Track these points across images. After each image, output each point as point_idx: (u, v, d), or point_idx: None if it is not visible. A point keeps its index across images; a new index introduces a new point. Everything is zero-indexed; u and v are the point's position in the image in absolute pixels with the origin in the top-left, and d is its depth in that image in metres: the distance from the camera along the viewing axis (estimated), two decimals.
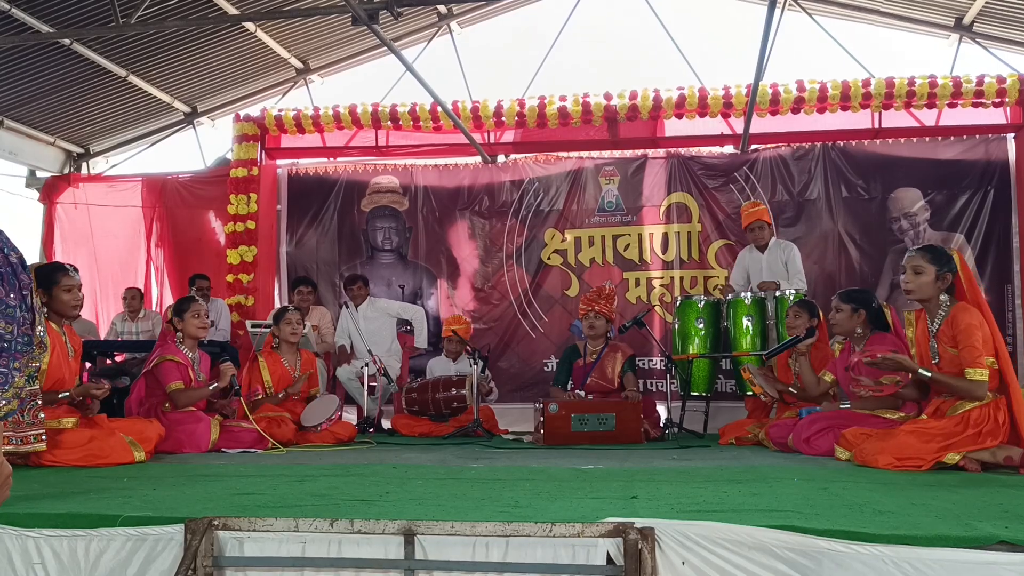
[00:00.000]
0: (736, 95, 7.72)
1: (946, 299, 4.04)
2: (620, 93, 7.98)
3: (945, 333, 3.99)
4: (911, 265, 4.10)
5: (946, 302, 4.04)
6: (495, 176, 8.57)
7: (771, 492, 3.08)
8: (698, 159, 8.27)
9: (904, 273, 4.16)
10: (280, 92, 9.54)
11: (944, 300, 4.04)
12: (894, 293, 7.62)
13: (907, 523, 2.38)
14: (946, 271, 4.03)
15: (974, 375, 3.85)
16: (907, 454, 3.88)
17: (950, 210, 7.82)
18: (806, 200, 8.04)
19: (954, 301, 4.04)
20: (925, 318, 4.14)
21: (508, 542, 2.37)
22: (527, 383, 8.16)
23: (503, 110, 8.11)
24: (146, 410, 5.28)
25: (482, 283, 8.50)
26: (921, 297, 4.10)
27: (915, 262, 4.10)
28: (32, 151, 9.18)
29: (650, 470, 4.00)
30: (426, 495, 3.11)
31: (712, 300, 6.88)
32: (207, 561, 2.42)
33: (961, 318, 3.92)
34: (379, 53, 9.26)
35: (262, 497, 3.07)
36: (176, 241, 9.12)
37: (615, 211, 8.32)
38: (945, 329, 3.99)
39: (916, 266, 4.08)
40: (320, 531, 2.43)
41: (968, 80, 7.50)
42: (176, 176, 9.21)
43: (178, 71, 8.62)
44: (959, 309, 3.97)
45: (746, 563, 2.27)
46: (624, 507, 2.72)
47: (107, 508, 2.74)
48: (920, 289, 4.08)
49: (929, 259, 4.07)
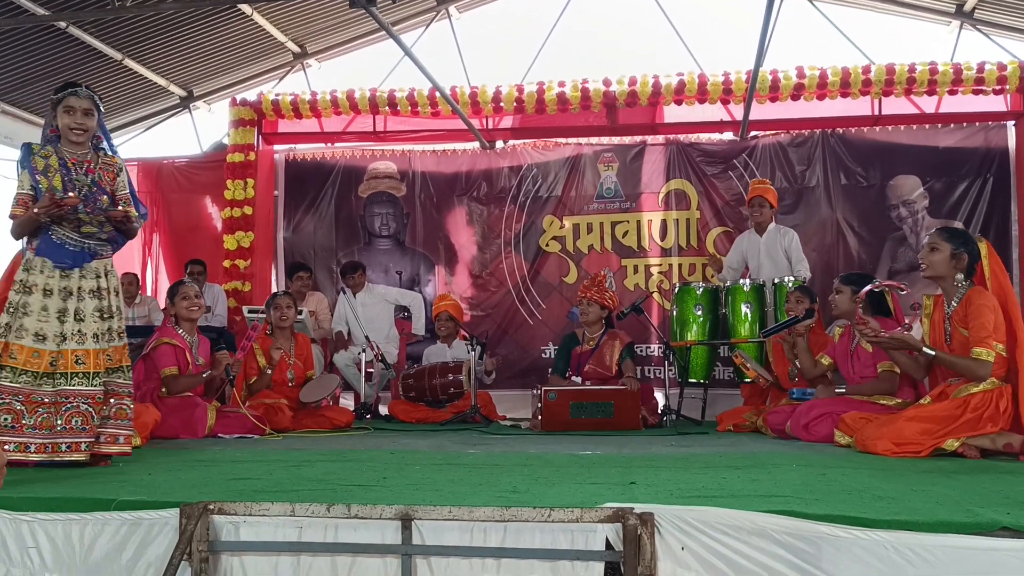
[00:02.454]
0: (736, 81, 7.68)
1: (962, 279, 4.03)
2: (619, 79, 7.94)
3: (959, 314, 3.98)
4: (928, 243, 4.14)
5: (962, 283, 4.03)
6: (493, 162, 8.54)
7: (770, 478, 3.07)
8: (697, 146, 8.23)
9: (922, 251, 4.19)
10: (277, 76, 9.48)
11: (960, 281, 4.03)
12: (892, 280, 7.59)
13: (907, 509, 2.37)
14: (961, 251, 4.02)
15: (980, 354, 3.84)
16: (906, 439, 3.87)
17: (949, 198, 7.80)
18: (805, 187, 8.01)
19: (971, 284, 4.02)
20: (943, 303, 4.13)
21: (506, 527, 2.36)
22: (525, 370, 8.14)
23: (501, 96, 8.06)
24: (142, 395, 5.25)
25: (480, 270, 8.48)
26: (935, 275, 4.09)
27: (932, 240, 4.12)
28: (28, 135, 9.08)
29: (648, 456, 3.99)
30: (423, 480, 3.09)
31: (710, 287, 6.86)
32: (202, 545, 2.41)
33: (975, 300, 3.92)
34: (377, 38, 9.20)
35: (258, 482, 3.05)
36: (172, 226, 9.07)
37: (614, 198, 8.29)
38: (959, 310, 3.99)
39: (933, 243, 4.10)
40: (317, 516, 2.42)
41: (968, 67, 7.46)
42: (172, 161, 9.16)
43: (174, 55, 8.56)
44: (975, 292, 3.97)
45: (746, 548, 2.26)
46: (623, 493, 2.71)
47: (102, 492, 2.73)
48: (934, 266, 4.08)
49: (945, 238, 4.08)
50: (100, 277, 3.74)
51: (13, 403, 3.50)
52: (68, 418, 3.55)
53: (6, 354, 3.53)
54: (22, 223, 3.66)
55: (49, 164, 3.68)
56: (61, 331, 3.60)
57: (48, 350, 3.57)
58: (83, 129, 3.72)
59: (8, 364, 3.52)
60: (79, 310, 3.66)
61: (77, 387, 3.59)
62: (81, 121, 3.70)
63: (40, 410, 3.53)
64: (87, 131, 3.74)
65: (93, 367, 3.64)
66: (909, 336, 4.18)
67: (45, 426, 3.52)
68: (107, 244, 3.79)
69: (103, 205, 3.72)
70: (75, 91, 3.71)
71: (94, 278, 3.72)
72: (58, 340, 3.59)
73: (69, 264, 3.66)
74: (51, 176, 3.66)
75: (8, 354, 3.53)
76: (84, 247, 3.69)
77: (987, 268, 4.01)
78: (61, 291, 3.64)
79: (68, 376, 3.58)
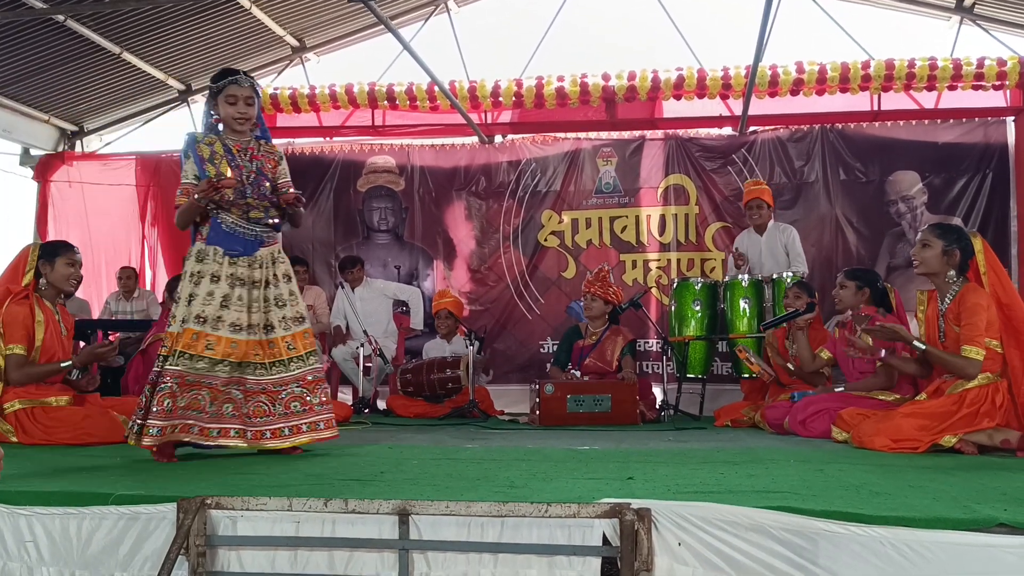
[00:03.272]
0: (735, 76, 7.67)
1: (954, 276, 4.03)
2: (618, 74, 7.93)
3: (953, 311, 3.98)
4: (920, 239, 4.14)
5: (955, 279, 4.03)
6: (492, 157, 8.53)
7: (767, 473, 3.07)
8: (696, 141, 8.22)
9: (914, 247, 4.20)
10: (276, 71, 9.46)
11: (952, 277, 4.03)
12: (891, 276, 7.61)
13: (904, 505, 2.37)
14: (953, 247, 4.02)
15: (968, 352, 3.85)
16: (903, 435, 3.87)
17: (948, 193, 7.80)
18: (804, 183, 8.00)
19: (965, 281, 4.02)
20: (936, 299, 4.13)
21: (503, 523, 2.36)
22: (523, 365, 8.14)
23: (500, 90, 8.05)
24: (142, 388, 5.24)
25: (478, 264, 8.48)
26: (927, 271, 4.10)
27: (924, 236, 4.12)
28: (26, 129, 9.11)
29: (646, 451, 3.99)
30: (421, 475, 3.09)
31: (709, 282, 6.86)
32: (200, 540, 2.41)
33: (969, 297, 3.92)
34: (376, 32, 9.17)
35: (256, 477, 3.06)
36: (170, 220, 8.95)
37: (612, 193, 8.29)
38: (953, 307, 3.99)
39: (924, 240, 4.10)
40: (314, 511, 2.41)
41: (968, 62, 7.44)
42: (171, 155, 9.11)
43: (172, 48, 8.53)
44: (968, 289, 3.97)
45: (743, 544, 2.26)
46: (620, 488, 2.71)
47: (100, 486, 2.73)
48: (926, 263, 4.08)
49: (937, 234, 4.08)
50: (270, 265, 3.76)
51: (232, 391, 3.61)
52: (287, 403, 3.67)
53: (200, 343, 3.55)
54: (184, 211, 3.70)
55: (215, 151, 3.70)
56: (249, 320, 3.66)
57: (245, 339, 3.63)
58: (246, 118, 3.75)
59: (206, 355, 3.55)
60: (265, 296, 3.71)
61: (271, 376, 3.67)
62: (244, 110, 3.73)
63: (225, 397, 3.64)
64: (249, 119, 3.77)
65: (269, 356, 3.70)
66: (901, 327, 4.18)
67: (258, 414, 3.65)
68: (273, 231, 3.81)
69: (267, 191, 3.75)
70: (236, 80, 3.72)
71: (270, 264, 3.75)
72: (250, 330, 3.65)
73: (240, 252, 3.68)
74: (218, 163, 3.68)
75: (205, 344, 3.55)
76: (254, 235, 3.72)
77: (982, 264, 4.01)
78: (234, 278, 3.66)
79: (268, 365, 3.68)
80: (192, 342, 3.55)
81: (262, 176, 3.76)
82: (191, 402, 3.55)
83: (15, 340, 4.34)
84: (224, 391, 3.61)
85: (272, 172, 3.82)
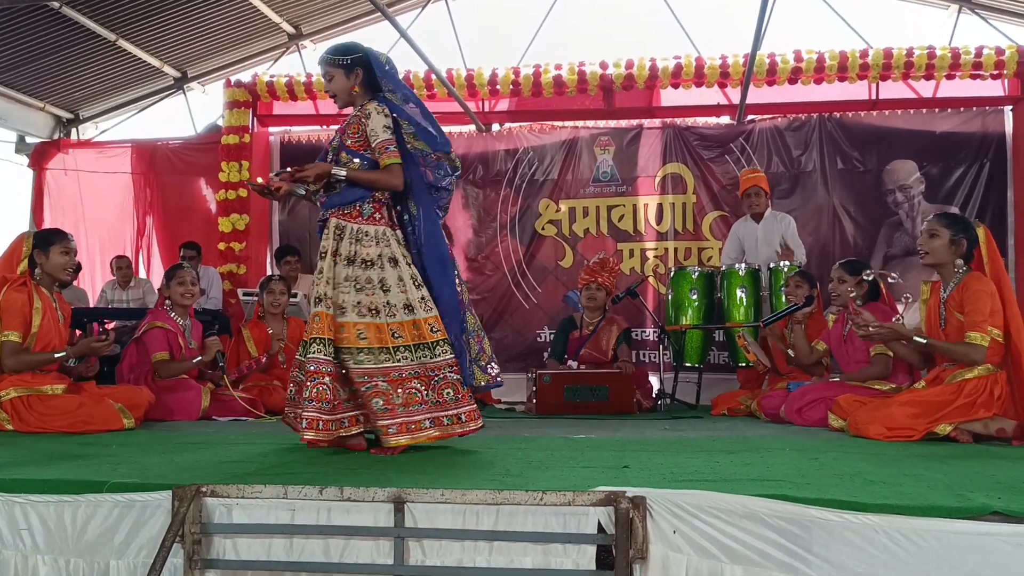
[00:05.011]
0: (733, 65, 7.65)
1: (961, 264, 4.03)
2: (616, 62, 7.90)
3: (954, 299, 3.98)
4: (927, 229, 4.12)
5: (961, 268, 4.03)
6: (489, 145, 8.51)
7: (763, 462, 3.07)
8: (694, 129, 8.20)
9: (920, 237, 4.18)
10: (272, 58, 9.42)
11: (960, 266, 4.03)
12: (887, 265, 7.61)
13: (898, 493, 2.37)
14: (961, 236, 4.01)
15: (974, 338, 3.83)
16: (899, 424, 3.88)
17: (945, 183, 7.79)
18: (801, 172, 7.99)
19: (970, 270, 4.02)
20: (939, 289, 4.12)
21: (499, 510, 2.36)
22: (520, 354, 8.14)
23: (498, 78, 8.03)
24: (136, 377, 5.26)
25: (476, 253, 8.46)
26: (935, 261, 4.09)
27: (931, 226, 4.10)
28: (22, 116, 9.07)
29: (642, 440, 3.99)
30: (416, 463, 3.09)
31: (706, 271, 6.85)
32: (195, 528, 2.41)
33: (972, 285, 3.92)
34: (372, 19, 9.13)
35: (251, 464, 3.06)
36: (166, 208, 9.03)
37: (610, 181, 8.27)
38: (955, 295, 3.98)
39: (931, 230, 4.09)
40: (309, 498, 2.42)
41: (967, 51, 7.42)
42: (166, 142, 9.11)
43: (168, 35, 8.49)
44: (972, 277, 3.96)
45: (737, 532, 2.26)
46: (616, 476, 2.71)
47: (95, 474, 2.73)
48: (934, 253, 4.07)
49: (944, 224, 4.07)
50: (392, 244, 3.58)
51: (414, 382, 3.37)
52: (439, 390, 3.42)
53: (387, 335, 3.39)
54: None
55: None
56: (407, 300, 3.45)
57: (411, 320, 3.43)
58: (333, 95, 3.71)
59: (392, 344, 3.38)
60: (408, 277, 3.51)
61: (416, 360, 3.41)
62: (329, 87, 3.68)
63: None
64: (337, 96, 3.70)
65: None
66: (901, 326, 4.17)
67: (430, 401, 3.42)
68: (324, 206, 3.71)
69: (343, 161, 3.62)
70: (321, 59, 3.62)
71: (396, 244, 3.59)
72: (408, 309, 3.43)
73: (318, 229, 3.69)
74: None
75: (390, 334, 3.38)
76: (321, 217, 3.70)
77: (985, 253, 4.01)
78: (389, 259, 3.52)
79: (413, 348, 3.41)
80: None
81: (340, 149, 3.69)
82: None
83: (11, 327, 4.34)
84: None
85: (352, 137, 3.67)
